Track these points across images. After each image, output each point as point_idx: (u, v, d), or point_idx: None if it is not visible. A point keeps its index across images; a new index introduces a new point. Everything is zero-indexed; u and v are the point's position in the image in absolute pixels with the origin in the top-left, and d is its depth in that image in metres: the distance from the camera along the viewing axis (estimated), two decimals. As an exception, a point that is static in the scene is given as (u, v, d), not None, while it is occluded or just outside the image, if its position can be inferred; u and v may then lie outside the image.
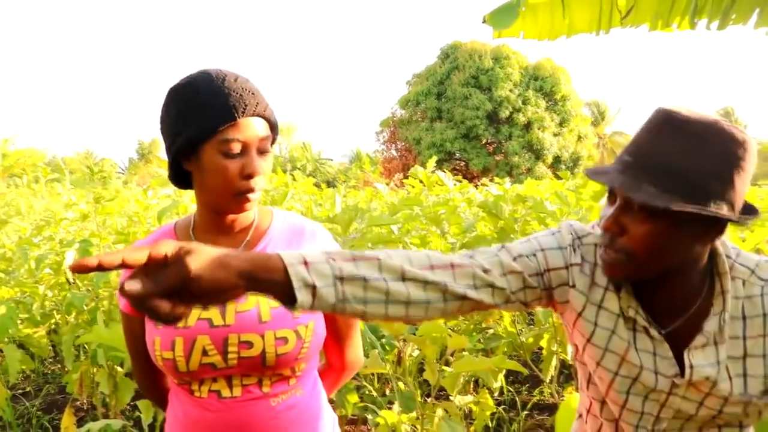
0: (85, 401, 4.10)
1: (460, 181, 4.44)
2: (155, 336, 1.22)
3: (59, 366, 4.91)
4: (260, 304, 1.22)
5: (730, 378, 1.08)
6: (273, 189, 4.28)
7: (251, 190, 1.19)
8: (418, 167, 4.63)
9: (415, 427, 2.29)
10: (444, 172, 4.41)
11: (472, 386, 3.70)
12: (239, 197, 1.19)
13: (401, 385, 2.78)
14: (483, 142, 29.77)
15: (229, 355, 1.20)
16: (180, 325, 1.20)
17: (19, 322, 3.76)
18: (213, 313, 1.21)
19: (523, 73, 30.29)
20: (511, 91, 29.46)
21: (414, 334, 2.13)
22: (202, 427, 1.23)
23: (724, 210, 0.99)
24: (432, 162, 4.94)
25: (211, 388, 1.23)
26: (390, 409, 2.84)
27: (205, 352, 1.19)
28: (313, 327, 1.26)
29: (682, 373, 1.11)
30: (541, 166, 29.07)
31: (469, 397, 2.33)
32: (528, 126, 29.65)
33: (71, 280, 3.49)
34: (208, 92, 1.16)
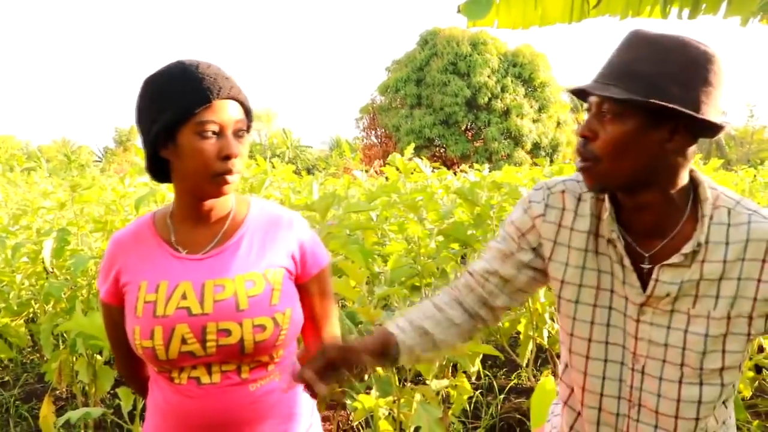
0: (64, 390, 4.09)
1: (438, 168, 4.48)
2: (135, 325, 1.24)
3: (38, 355, 4.89)
4: (238, 293, 1.25)
5: (697, 296, 1.14)
6: (252, 176, 4.29)
7: (229, 172, 1.22)
8: (396, 154, 4.66)
9: (392, 410, 2.34)
10: (421, 159, 4.45)
11: (450, 371, 3.76)
12: (217, 179, 1.21)
13: (379, 369, 2.82)
14: (462, 129, 29.82)
15: (208, 343, 1.22)
16: (159, 313, 1.23)
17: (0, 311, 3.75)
18: (191, 301, 1.23)
19: (501, 59, 30.32)
20: (489, 77, 29.48)
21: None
22: (182, 414, 1.25)
23: (687, 111, 1.04)
24: (410, 149, 4.98)
25: (191, 375, 1.25)
26: (368, 393, 2.90)
27: (184, 341, 1.22)
28: (290, 314, 1.29)
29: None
30: (520, 152, 29.20)
31: (446, 382, 2.38)
32: (507, 112, 29.74)
33: (49, 270, 3.48)
34: (183, 78, 1.19)
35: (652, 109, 1.05)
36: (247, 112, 1.27)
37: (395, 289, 2.47)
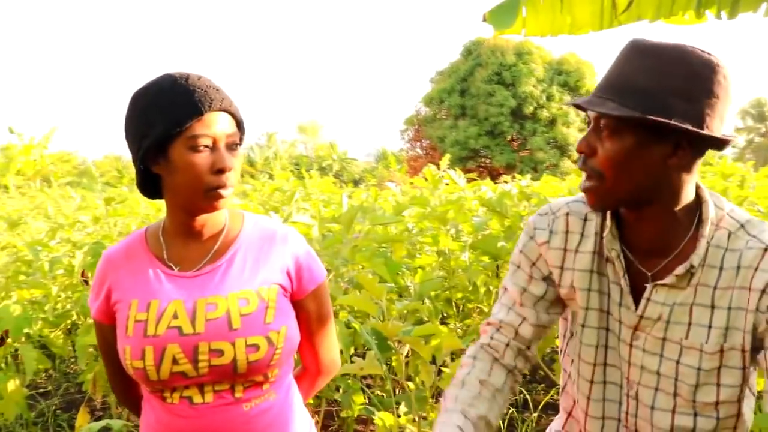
0: (100, 401, 4.16)
1: (474, 179, 4.42)
2: (125, 344, 1.21)
3: (79, 366, 4.99)
4: (230, 311, 1.21)
5: (690, 324, 1.07)
6: (288, 189, 4.30)
7: (223, 186, 1.18)
8: (430, 165, 4.61)
9: (412, 428, 2.28)
10: (455, 170, 4.39)
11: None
12: (211, 193, 1.18)
13: (411, 386, 2.77)
14: (507, 139, 29.58)
15: (200, 364, 1.19)
16: (150, 332, 1.20)
17: (40, 322, 3.84)
18: (183, 321, 1.20)
19: (546, 68, 30.01)
20: (534, 86, 29.21)
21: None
22: None
23: (687, 126, 0.98)
24: (446, 159, 4.93)
25: (183, 395, 1.22)
26: (396, 409, 2.84)
27: (175, 361, 1.18)
28: (285, 332, 1.25)
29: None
30: (566, 161, 28.77)
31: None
32: (552, 122, 29.38)
33: (85, 282, 3.54)
34: (172, 91, 1.16)
35: (651, 124, 1.00)
36: (239, 125, 1.24)
37: (416, 304, 2.41)
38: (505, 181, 8.11)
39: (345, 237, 2.75)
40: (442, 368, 2.32)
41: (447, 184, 4.52)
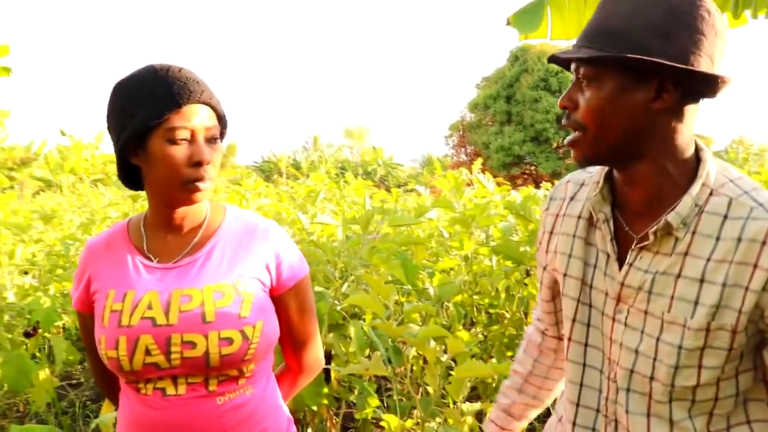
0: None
1: (500, 184, 4.37)
2: (101, 334, 1.21)
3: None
4: (205, 304, 1.21)
5: (673, 298, 0.99)
6: (311, 192, 4.31)
7: (201, 179, 1.18)
8: (462, 170, 4.57)
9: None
10: (483, 174, 4.34)
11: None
12: (188, 186, 1.18)
13: (430, 389, 2.73)
14: (553, 146, 29.15)
15: (172, 355, 1.18)
16: (124, 323, 1.20)
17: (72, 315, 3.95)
18: (156, 312, 1.20)
19: (595, 74, 29.51)
20: (582, 93, 28.77)
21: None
22: (147, 425, 1.22)
23: (667, 63, 0.91)
24: (478, 164, 4.88)
25: (156, 386, 1.21)
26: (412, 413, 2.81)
27: (148, 352, 1.18)
28: (260, 327, 1.23)
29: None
30: (613, 170, 28.21)
31: (478, 405, 2.26)
32: (600, 129, 28.84)
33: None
34: (152, 83, 1.16)
35: (631, 66, 0.93)
36: (220, 119, 1.23)
37: (425, 306, 2.38)
38: (546, 188, 7.99)
39: (363, 238, 2.74)
40: (450, 371, 2.28)
41: (473, 188, 4.48)
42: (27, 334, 3.42)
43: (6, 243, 4.45)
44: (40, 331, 3.63)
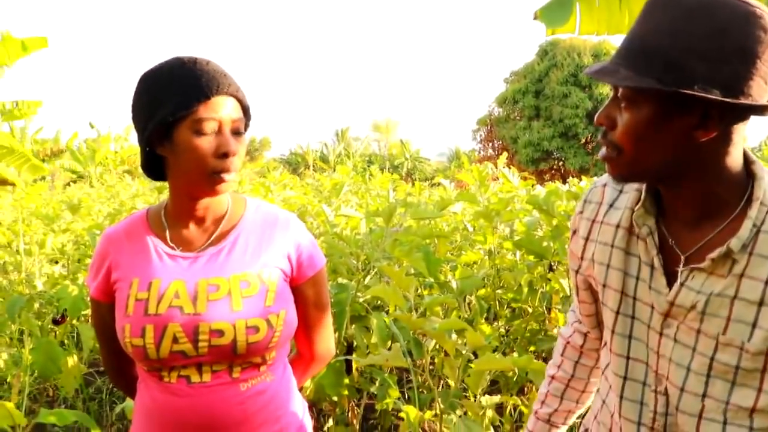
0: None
1: (525, 179, 4.33)
2: (125, 323, 1.22)
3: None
4: (232, 293, 1.22)
5: (729, 319, 0.93)
6: (334, 185, 4.32)
7: (226, 170, 1.19)
8: (487, 164, 4.55)
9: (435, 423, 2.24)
10: (509, 168, 4.31)
11: (528, 388, 3.58)
12: (214, 177, 1.19)
13: (450, 381, 2.73)
14: (581, 142, 28.82)
15: (200, 344, 1.20)
16: (150, 311, 1.21)
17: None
18: (184, 300, 1.21)
19: (625, 69, 29.07)
20: (612, 88, 28.36)
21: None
22: (170, 413, 1.23)
23: (713, 94, 0.84)
24: (503, 159, 4.84)
25: (181, 374, 1.22)
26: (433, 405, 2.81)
27: (175, 340, 1.19)
28: (284, 316, 1.25)
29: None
30: (643, 166, 27.81)
31: (497, 398, 2.25)
32: (631, 125, 28.43)
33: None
34: (180, 74, 1.17)
35: (672, 95, 0.86)
36: (245, 111, 1.24)
37: (445, 298, 2.38)
38: (573, 184, 7.90)
39: (386, 231, 2.75)
40: (470, 364, 2.27)
41: (499, 183, 4.45)
42: (55, 322, 3.49)
43: (36, 233, 4.54)
44: (68, 319, 3.71)
